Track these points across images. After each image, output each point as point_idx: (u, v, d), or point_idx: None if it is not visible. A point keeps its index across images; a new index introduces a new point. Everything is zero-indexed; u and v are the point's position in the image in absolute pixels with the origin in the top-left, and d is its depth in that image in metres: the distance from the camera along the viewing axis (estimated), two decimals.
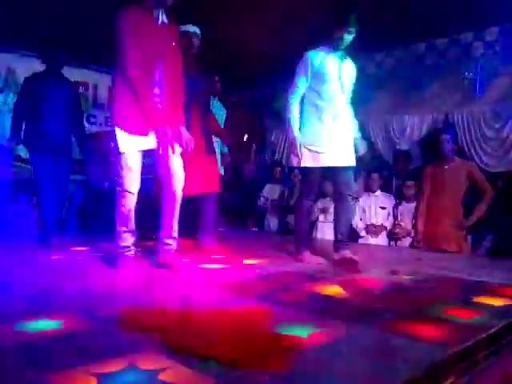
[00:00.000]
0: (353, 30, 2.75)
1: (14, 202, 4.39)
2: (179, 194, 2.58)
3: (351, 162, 2.90)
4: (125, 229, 2.51)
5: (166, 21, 2.52)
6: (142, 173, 2.56)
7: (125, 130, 2.43)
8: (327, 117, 2.84)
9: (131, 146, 2.45)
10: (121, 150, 2.44)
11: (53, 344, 1.33)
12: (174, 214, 2.60)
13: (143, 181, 2.57)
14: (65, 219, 4.03)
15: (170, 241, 2.62)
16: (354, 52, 2.95)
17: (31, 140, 3.62)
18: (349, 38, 2.79)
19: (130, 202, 2.48)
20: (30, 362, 1.20)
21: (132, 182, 2.47)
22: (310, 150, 2.83)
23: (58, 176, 3.70)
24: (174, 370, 1.17)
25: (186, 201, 2.69)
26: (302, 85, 2.86)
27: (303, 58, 2.87)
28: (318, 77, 2.82)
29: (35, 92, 3.57)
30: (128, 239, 2.52)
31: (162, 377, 1.12)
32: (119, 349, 1.30)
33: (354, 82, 2.97)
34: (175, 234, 2.63)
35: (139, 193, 2.53)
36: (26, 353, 1.26)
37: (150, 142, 2.49)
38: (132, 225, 2.53)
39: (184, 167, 2.60)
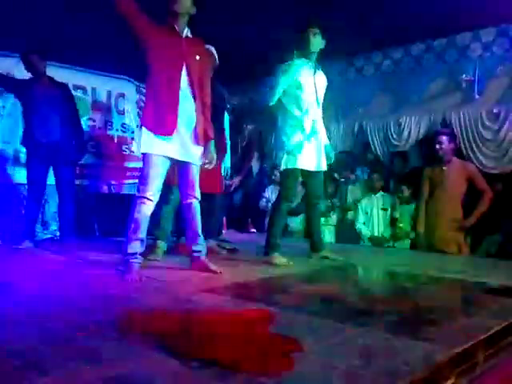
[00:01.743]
0: (317, 30, 2.88)
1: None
2: (197, 204, 2.65)
3: (324, 167, 3.10)
4: (135, 236, 2.47)
5: (190, 35, 2.60)
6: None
7: (149, 129, 2.47)
8: (305, 125, 2.97)
9: (154, 148, 2.47)
10: (143, 150, 2.48)
11: (54, 347, 1.33)
12: (198, 222, 2.67)
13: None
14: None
15: (198, 247, 2.67)
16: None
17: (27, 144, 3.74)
18: (317, 41, 2.91)
19: (147, 209, 2.48)
20: (30, 364, 1.20)
21: (153, 189, 2.47)
22: (291, 154, 2.95)
23: (59, 180, 3.79)
24: (174, 372, 1.17)
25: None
26: (278, 94, 2.95)
27: (279, 70, 2.97)
28: (294, 88, 2.94)
29: (26, 98, 3.66)
30: (136, 247, 2.48)
31: (162, 380, 1.12)
32: (120, 352, 1.30)
33: (324, 92, 3.14)
34: (201, 241, 2.68)
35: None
36: (27, 355, 1.26)
37: (174, 150, 2.51)
38: (143, 233, 2.50)
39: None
